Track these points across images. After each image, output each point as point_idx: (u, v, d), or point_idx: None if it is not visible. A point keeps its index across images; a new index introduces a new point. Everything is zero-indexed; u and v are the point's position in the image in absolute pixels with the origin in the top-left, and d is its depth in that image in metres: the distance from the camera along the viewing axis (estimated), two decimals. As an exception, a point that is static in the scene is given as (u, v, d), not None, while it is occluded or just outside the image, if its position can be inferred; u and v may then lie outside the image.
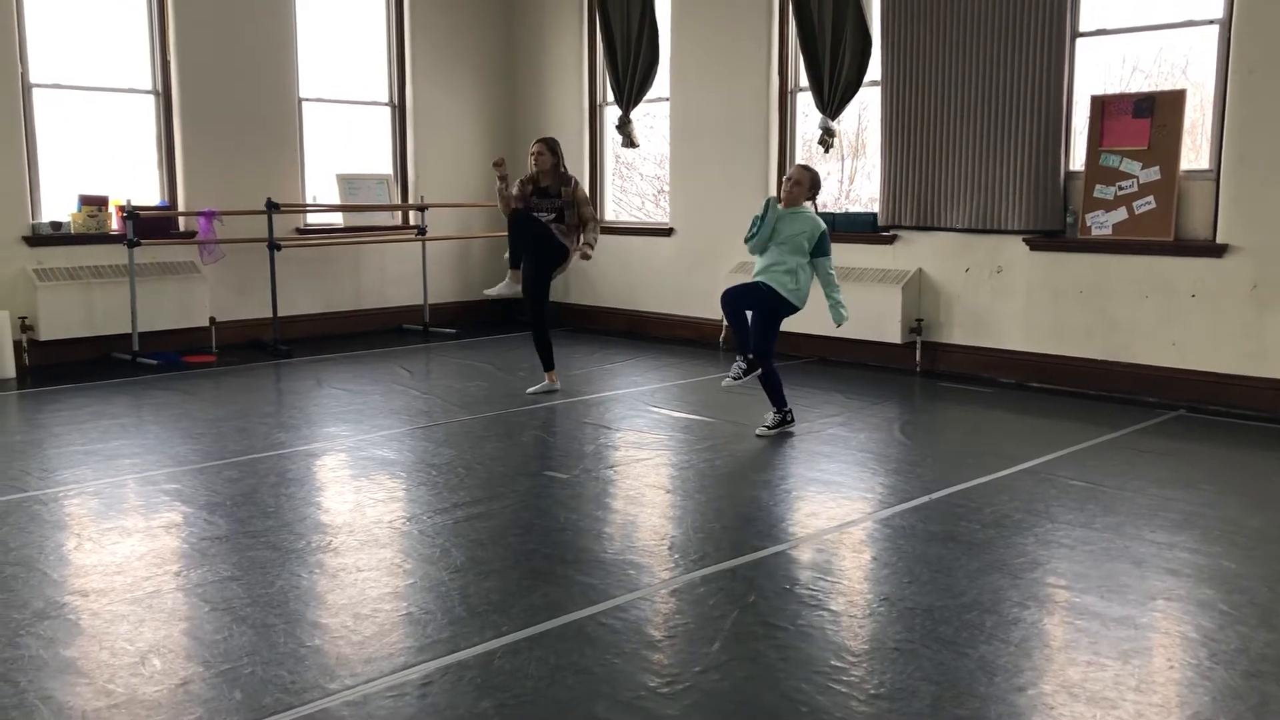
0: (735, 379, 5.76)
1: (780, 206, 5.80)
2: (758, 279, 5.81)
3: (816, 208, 5.98)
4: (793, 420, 5.98)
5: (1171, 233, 6.66)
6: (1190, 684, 3.00)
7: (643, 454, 5.55)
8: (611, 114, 9.83)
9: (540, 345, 6.92)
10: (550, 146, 6.75)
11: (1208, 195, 6.57)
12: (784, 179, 5.90)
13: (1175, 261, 6.66)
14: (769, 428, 5.87)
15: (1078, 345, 7.11)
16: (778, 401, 5.94)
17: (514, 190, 6.78)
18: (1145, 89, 6.98)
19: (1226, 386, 6.48)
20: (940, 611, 3.47)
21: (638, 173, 10.44)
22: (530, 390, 6.93)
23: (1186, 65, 6.95)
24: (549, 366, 6.96)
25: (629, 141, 9.59)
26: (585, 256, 6.84)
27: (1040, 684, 3.00)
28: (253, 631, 3.30)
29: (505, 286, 6.86)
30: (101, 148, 8.43)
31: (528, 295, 6.81)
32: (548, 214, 6.69)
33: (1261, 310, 6.36)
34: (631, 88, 9.41)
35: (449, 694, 2.91)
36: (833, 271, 5.84)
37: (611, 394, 7.09)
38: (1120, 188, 6.83)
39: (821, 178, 6.00)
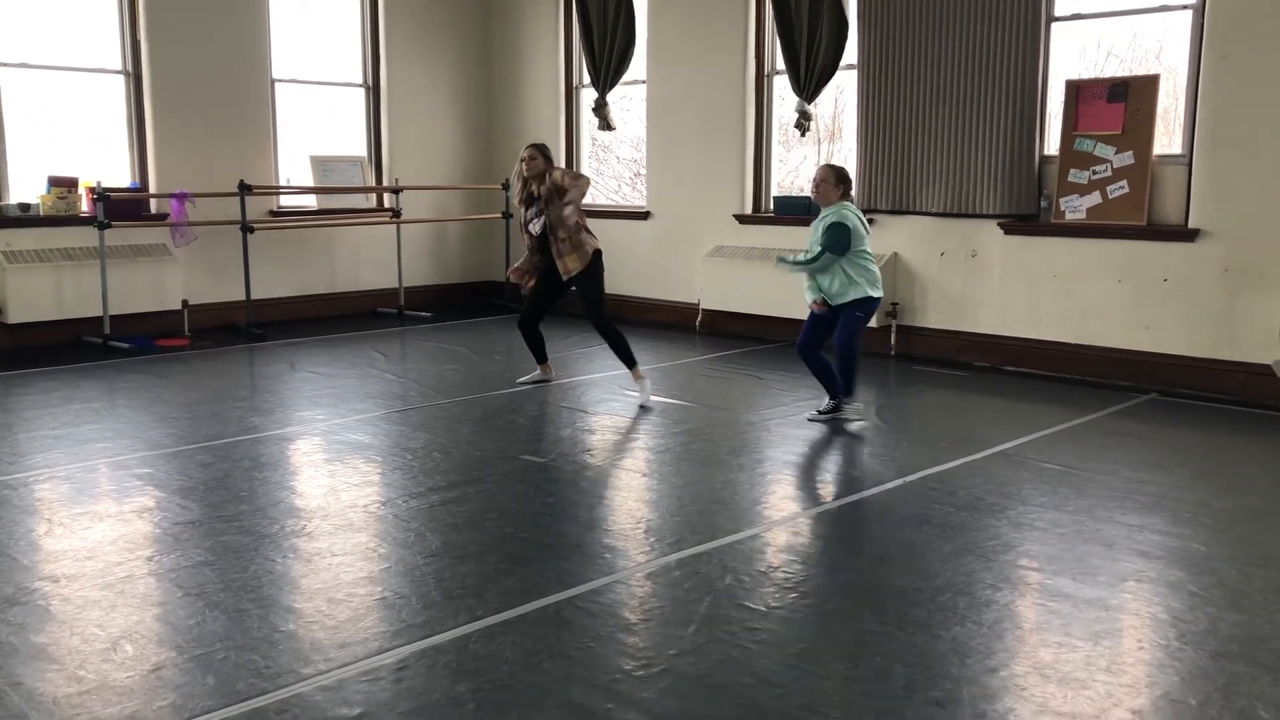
0: (824, 412, 5.73)
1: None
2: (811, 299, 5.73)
3: (855, 201, 5.75)
4: (842, 411, 5.75)
5: (1144, 217, 6.70)
6: (1159, 664, 3.04)
7: (619, 438, 5.54)
8: (588, 96, 9.79)
9: (615, 344, 6.43)
10: (541, 151, 6.40)
11: (1180, 180, 6.61)
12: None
13: (1148, 246, 6.70)
14: (821, 412, 5.77)
15: (1051, 329, 7.16)
16: (833, 389, 5.73)
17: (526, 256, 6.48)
18: (1119, 74, 7.01)
19: (1198, 370, 6.54)
20: (914, 594, 3.49)
21: (614, 155, 10.40)
22: (643, 400, 6.27)
23: (1160, 50, 6.98)
24: (632, 366, 6.41)
25: (605, 124, 9.55)
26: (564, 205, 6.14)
27: (1012, 665, 3.02)
28: (226, 617, 3.28)
29: (539, 374, 6.72)
30: (71, 129, 8.32)
31: (540, 305, 6.56)
32: (537, 220, 6.29)
33: (1232, 294, 6.41)
34: (608, 70, 9.37)
35: (424, 678, 2.91)
36: (815, 257, 5.56)
37: (588, 378, 7.08)
38: (1094, 172, 6.87)
39: (848, 170, 5.78)
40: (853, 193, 5.81)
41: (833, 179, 5.65)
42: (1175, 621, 3.31)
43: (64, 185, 8.08)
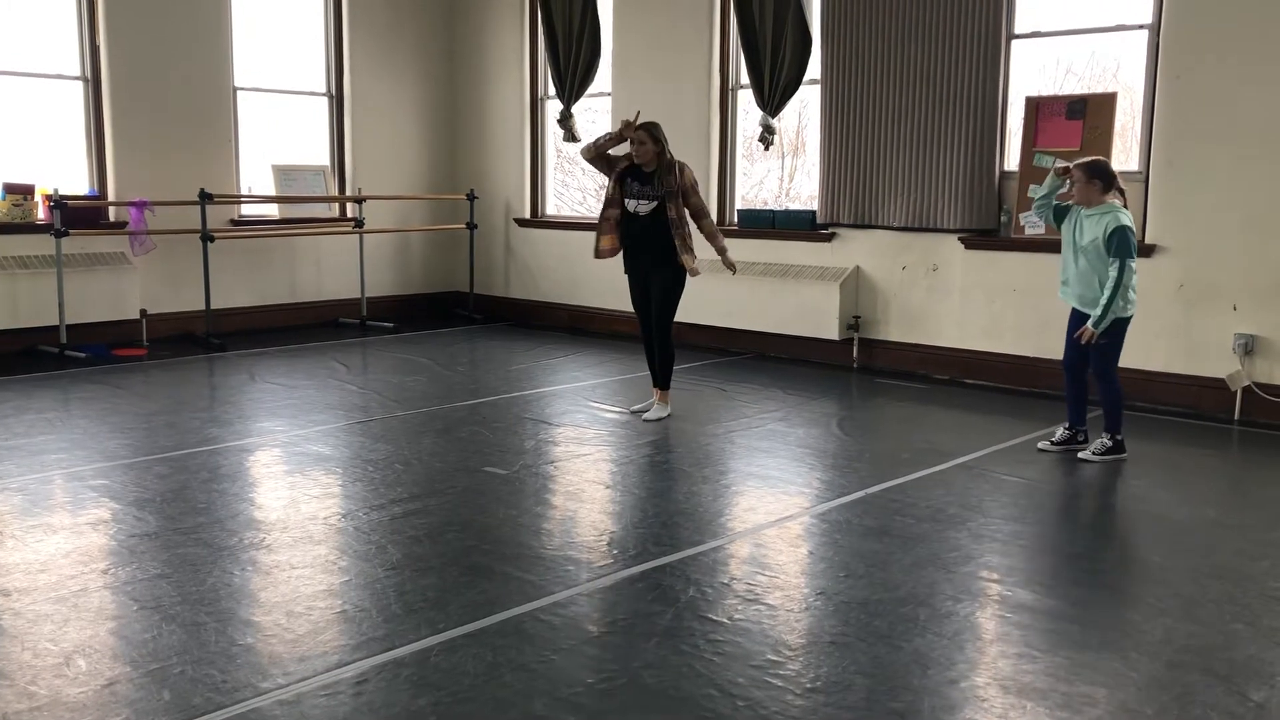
0: (1097, 454, 5.29)
1: (1079, 207, 5.29)
2: (1070, 303, 5.39)
3: (1125, 201, 5.27)
4: (1123, 451, 5.34)
5: (1102, 233, 6.78)
6: (1117, 675, 3.07)
7: (583, 449, 5.53)
8: (553, 108, 9.80)
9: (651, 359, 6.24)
10: (652, 133, 5.88)
11: (1137, 197, 6.70)
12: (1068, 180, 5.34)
13: (1105, 261, 6.79)
14: (1095, 454, 5.31)
15: (1011, 342, 7.23)
16: (1112, 425, 5.34)
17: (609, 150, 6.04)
18: (1078, 91, 7.11)
19: (1154, 383, 6.63)
20: (875, 605, 3.51)
21: (579, 167, 10.40)
22: (633, 408, 6.32)
23: (1118, 68, 7.10)
24: (660, 384, 6.22)
25: (570, 136, 9.56)
26: (729, 266, 6.03)
27: (973, 676, 3.04)
28: (182, 630, 3.23)
29: (658, 409, 6.14)
30: (27, 134, 8.20)
31: (647, 314, 6.12)
32: (646, 201, 5.93)
33: (1188, 309, 6.51)
34: (573, 82, 9.38)
35: (384, 692, 2.88)
36: (1112, 274, 5.07)
37: (552, 389, 7.07)
38: (1053, 188, 6.95)
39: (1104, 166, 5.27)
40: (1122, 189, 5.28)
41: (1099, 174, 5.20)
42: (1132, 632, 3.35)
43: (20, 192, 7.96)
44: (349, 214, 9.86)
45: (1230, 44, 6.25)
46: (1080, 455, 5.35)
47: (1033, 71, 7.29)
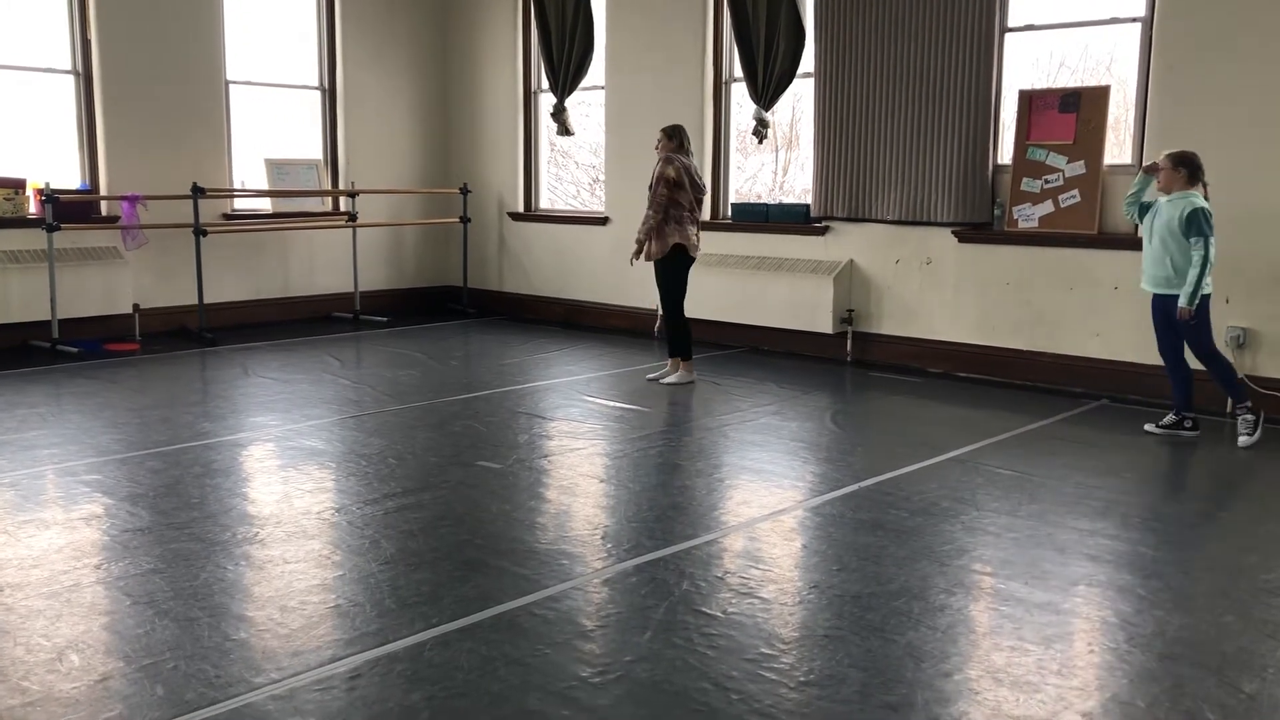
0: (1250, 435, 5.53)
1: (1160, 194, 5.61)
2: (1146, 289, 5.73)
3: (1206, 192, 5.54)
4: (1193, 428, 5.75)
5: (1096, 226, 6.80)
6: (1109, 667, 3.08)
7: (577, 443, 5.53)
8: (546, 101, 9.78)
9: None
10: (665, 133, 6.91)
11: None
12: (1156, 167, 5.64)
13: (1099, 254, 6.80)
14: (1246, 434, 5.57)
15: (1004, 336, 7.24)
16: (1183, 405, 5.75)
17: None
18: (1071, 84, 7.12)
19: (1147, 377, 6.63)
20: (869, 598, 3.51)
21: (573, 161, 10.39)
22: (648, 377, 7.13)
23: (1111, 62, 7.10)
24: (672, 354, 7.07)
25: (564, 129, 9.55)
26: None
27: (966, 669, 3.05)
28: (176, 625, 3.23)
29: (678, 375, 7.02)
30: (19, 128, 8.17)
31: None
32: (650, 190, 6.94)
33: (1180, 302, 6.51)
34: (566, 75, 9.36)
35: (378, 686, 2.88)
36: (1197, 255, 5.37)
37: (546, 383, 7.06)
38: (1046, 181, 6.96)
39: (1196, 158, 5.53)
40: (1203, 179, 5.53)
41: (1184, 163, 5.51)
42: (1124, 625, 3.36)
43: (11, 186, 7.93)
44: (342, 208, 9.85)
45: (1222, 37, 6.25)
46: (1241, 443, 5.53)
47: (1026, 65, 7.29)
